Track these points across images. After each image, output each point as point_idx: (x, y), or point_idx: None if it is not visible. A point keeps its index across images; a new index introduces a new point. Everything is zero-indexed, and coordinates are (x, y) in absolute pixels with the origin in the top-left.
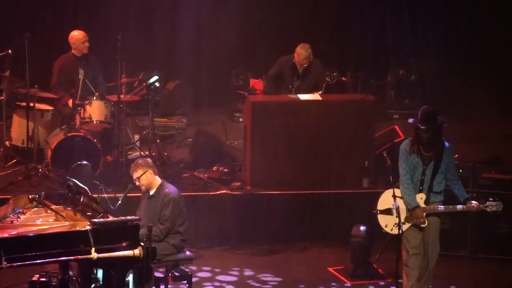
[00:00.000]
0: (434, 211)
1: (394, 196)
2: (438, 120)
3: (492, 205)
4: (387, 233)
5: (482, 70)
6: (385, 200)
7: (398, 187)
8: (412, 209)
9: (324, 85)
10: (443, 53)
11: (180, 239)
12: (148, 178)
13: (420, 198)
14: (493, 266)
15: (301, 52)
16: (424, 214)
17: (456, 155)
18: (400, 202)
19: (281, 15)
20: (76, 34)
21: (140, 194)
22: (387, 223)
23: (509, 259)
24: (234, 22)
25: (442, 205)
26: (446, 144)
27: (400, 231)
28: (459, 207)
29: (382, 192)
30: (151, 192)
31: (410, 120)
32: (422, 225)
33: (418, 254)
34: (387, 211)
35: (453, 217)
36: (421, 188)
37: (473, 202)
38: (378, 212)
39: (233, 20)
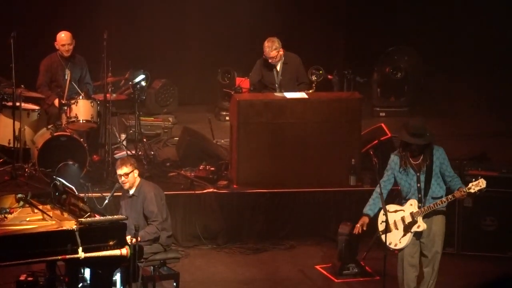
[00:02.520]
0: (426, 211)
1: (385, 213)
2: (428, 132)
3: (474, 185)
4: (394, 250)
5: (469, 67)
6: (381, 219)
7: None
8: (363, 215)
9: (314, 84)
10: (429, 50)
11: (166, 236)
12: (134, 177)
13: (410, 204)
14: (480, 263)
15: (268, 45)
16: (420, 217)
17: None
18: (399, 215)
19: (267, 13)
20: (61, 37)
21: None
22: (390, 240)
23: (496, 256)
24: (219, 21)
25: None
26: (436, 146)
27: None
28: (444, 199)
29: (368, 190)
30: (131, 192)
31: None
32: (419, 229)
33: (413, 268)
34: (386, 229)
35: None
36: (420, 196)
37: (461, 189)
38: (380, 233)
39: (219, 18)
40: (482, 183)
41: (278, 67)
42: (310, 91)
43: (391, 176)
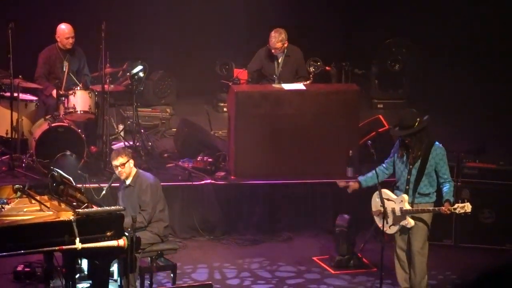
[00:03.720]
0: (412, 212)
1: (382, 199)
2: (418, 122)
3: (460, 207)
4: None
5: (468, 59)
6: (374, 201)
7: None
8: (357, 182)
9: (311, 75)
10: (427, 42)
11: (163, 226)
12: (130, 167)
13: (400, 200)
14: (477, 256)
15: (274, 35)
16: (408, 216)
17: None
18: (390, 204)
19: (265, 4)
20: (62, 29)
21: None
22: (381, 224)
23: (493, 249)
24: (218, 12)
25: (433, 207)
26: (437, 145)
27: (392, 232)
28: (431, 208)
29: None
30: (128, 182)
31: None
32: (408, 226)
33: (403, 251)
34: (378, 212)
35: None
36: (407, 187)
37: (446, 205)
38: (373, 214)
39: (217, 9)
40: (467, 208)
41: (280, 59)
42: (307, 82)
43: (391, 161)
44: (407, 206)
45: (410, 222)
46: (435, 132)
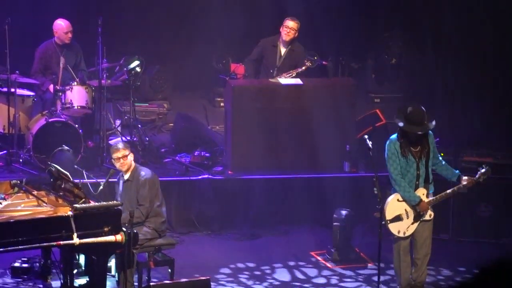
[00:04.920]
0: (436, 201)
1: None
2: (426, 120)
3: (482, 174)
4: (399, 237)
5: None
6: (392, 208)
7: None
8: (417, 204)
9: (304, 67)
10: (424, 36)
11: (160, 221)
12: (130, 160)
13: (422, 194)
14: (474, 249)
15: (292, 19)
16: (430, 208)
17: (437, 139)
18: (402, 205)
19: None
20: (60, 24)
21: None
22: (399, 229)
23: (490, 242)
24: (214, 6)
25: (434, 193)
26: (429, 132)
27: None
28: (455, 188)
29: (362, 176)
30: (126, 176)
31: (401, 124)
32: (428, 218)
33: (407, 256)
34: (397, 218)
35: None
36: (417, 183)
37: (465, 177)
38: (388, 222)
39: (214, 4)
40: (488, 172)
41: (283, 51)
42: (304, 67)
43: (397, 161)
44: (428, 198)
45: (431, 213)
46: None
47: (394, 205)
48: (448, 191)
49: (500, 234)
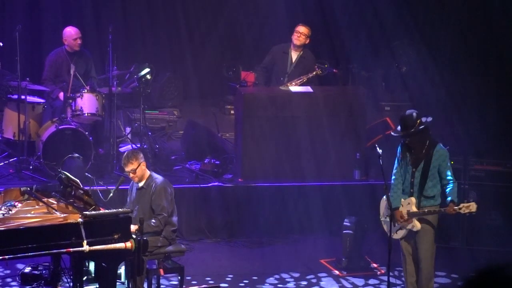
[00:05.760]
0: (418, 215)
1: (389, 203)
2: (418, 123)
3: (465, 207)
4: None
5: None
6: (383, 206)
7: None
8: (392, 210)
9: (314, 73)
10: (435, 44)
11: (171, 230)
12: (142, 170)
13: (408, 203)
14: (484, 258)
15: (303, 26)
16: (415, 218)
17: (447, 147)
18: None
19: (272, 7)
20: (69, 31)
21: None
22: (392, 229)
23: (500, 251)
24: (225, 14)
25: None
26: (440, 146)
27: (399, 237)
28: (437, 209)
29: (373, 184)
30: (141, 184)
31: (392, 133)
32: (414, 229)
33: (410, 262)
34: (391, 221)
35: None
36: (411, 191)
37: (451, 206)
38: (382, 219)
39: (224, 12)
40: (472, 207)
41: (294, 58)
42: (314, 73)
43: (398, 163)
44: (414, 209)
45: (416, 225)
46: (442, 134)
47: (383, 205)
48: (431, 209)
49: (510, 242)
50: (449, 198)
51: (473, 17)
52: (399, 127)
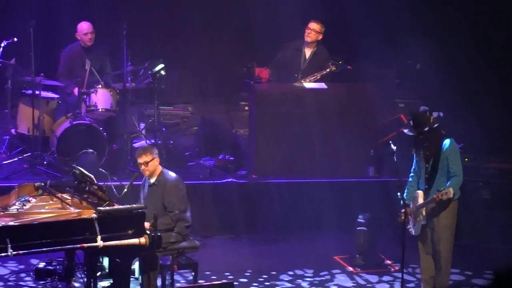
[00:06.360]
0: (422, 206)
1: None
2: (431, 120)
3: (441, 194)
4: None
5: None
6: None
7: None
8: (403, 206)
9: (328, 70)
10: (449, 41)
11: (184, 225)
12: (154, 165)
13: (418, 196)
14: (496, 256)
15: (315, 22)
16: (423, 210)
17: (461, 144)
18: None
19: (286, 3)
20: (81, 25)
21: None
22: (408, 226)
23: (509, 249)
24: (239, 11)
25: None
26: (448, 139)
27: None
28: (428, 200)
29: (386, 181)
30: (152, 180)
31: (405, 130)
32: (422, 222)
33: (425, 254)
34: (405, 218)
35: None
36: (427, 187)
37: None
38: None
39: (239, 9)
40: (449, 193)
41: (308, 54)
42: (328, 69)
43: (414, 159)
44: (421, 201)
45: (422, 218)
46: (455, 131)
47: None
48: (428, 200)
49: None
50: (441, 189)
51: (489, 13)
52: (411, 124)
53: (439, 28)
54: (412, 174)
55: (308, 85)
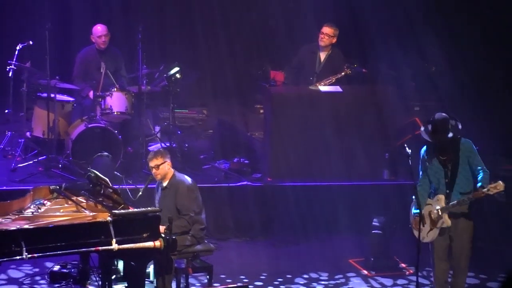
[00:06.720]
0: (450, 208)
1: (419, 207)
2: (451, 125)
3: (492, 187)
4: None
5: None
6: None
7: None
8: (413, 214)
9: (343, 73)
10: (464, 44)
11: (199, 228)
12: (165, 169)
13: (436, 200)
14: (508, 259)
15: (329, 24)
16: (446, 213)
17: (477, 147)
18: (427, 208)
19: (300, 7)
20: (96, 28)
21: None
22: (422, 234)
23: None
24: (254, 13)
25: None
26: (463, 139)
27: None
28: (465, 197)
29: (401, 184)
30: (165, 184)
31: (424, 133)
32: (444, 225)
33: (441, 259)
34: (420, 222)
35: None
36: (447, 191)
37: (479, 189)
38: (412, 226)
39: (253, 12)
40: (500, 186)
41: (323, 58)
42: (343, 73)
43: (425, 174)
44: (443, 205)
45: (446, 221)
46: (471, 134)
47: (413, 211)
48: (460, 200)
49: None
50: (479, 184)
51: (502, 14)
52: (429, 130)
53: (452, 30)
54: (423, 180)
55: (323, 88)
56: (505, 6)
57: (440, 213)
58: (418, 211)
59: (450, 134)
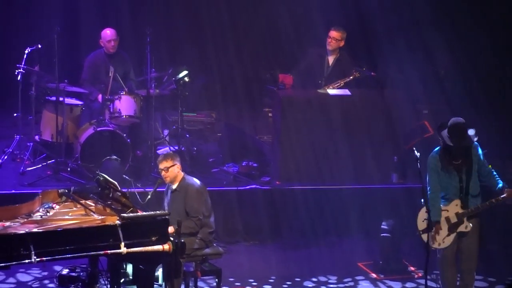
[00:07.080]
0: (471, 213)
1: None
2: (468, 132)
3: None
4: (435, 249)
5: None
6: (422, 218)
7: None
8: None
9: (351, 77)
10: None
11: (208, 232)
12: (174, 171)
13: (456, 204)
14: None
15: (336, 28)
16: (465, 218)
17: (485, 150)
18: (442, 214)
19: (309, 11)
20: (105, 32)
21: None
22: (436, 239)
23: None
24: (262, 18)
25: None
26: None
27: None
28: (493, 200)
29: (410, 188)
30: (174, 186)
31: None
32: (467, 229)
33: (452, 267)
34: (428, 229)
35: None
36: (461, 195)
37: (509, 189)
38: (421, 232)
39: (261, 15)
40: None
41: (331, 61)
42: (351, 77)
43: (436, 181)
44: (463, 209)
45: (468, 225)
46: (479, 137)
47: (424, 216)
48: (486, 202)
49: None
50: (500, 185)
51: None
52: (456, 136)
53: (460, 34)
54: (432, 190)
55: (332, 91)
56: None
57: (460, 218)
58: (435, 219)
59: (475, 139)
